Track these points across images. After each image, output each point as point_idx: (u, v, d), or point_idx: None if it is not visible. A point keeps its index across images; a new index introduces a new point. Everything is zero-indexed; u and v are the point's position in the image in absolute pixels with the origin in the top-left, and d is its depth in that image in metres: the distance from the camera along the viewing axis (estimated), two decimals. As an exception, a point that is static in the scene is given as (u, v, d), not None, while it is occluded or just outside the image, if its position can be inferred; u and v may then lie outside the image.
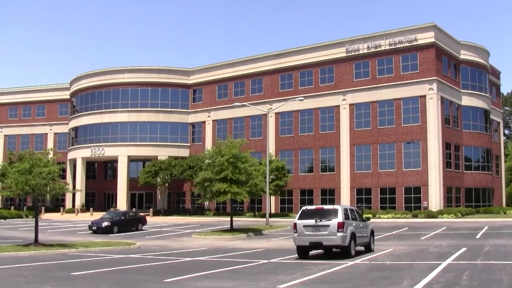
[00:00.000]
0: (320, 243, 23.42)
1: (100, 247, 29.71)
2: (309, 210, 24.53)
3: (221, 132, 73.86)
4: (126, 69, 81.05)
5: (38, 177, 28.19)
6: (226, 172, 40.35)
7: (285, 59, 71.10)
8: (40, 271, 19.62)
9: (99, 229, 43.18)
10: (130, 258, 25.00)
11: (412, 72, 61.80)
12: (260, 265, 21.41)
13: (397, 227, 44.57)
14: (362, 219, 26.15)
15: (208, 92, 78.90)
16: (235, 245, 32.29)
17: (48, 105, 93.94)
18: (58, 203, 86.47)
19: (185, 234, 42.05)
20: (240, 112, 72.85)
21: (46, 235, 36.84)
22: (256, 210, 69.11)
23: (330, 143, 66.65)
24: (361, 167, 64.37)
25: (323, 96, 67.44)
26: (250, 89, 74.31)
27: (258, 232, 42.19)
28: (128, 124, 78.93)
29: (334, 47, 67.28)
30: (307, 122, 68.87)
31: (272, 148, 68.79)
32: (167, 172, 71.85)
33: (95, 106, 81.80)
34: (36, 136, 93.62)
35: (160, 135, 79.09)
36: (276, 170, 63.10)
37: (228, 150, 41.40)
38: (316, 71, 68.61)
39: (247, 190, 41.70)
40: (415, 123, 61.10)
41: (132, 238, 37.83)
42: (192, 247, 31.59)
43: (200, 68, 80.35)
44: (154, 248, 30.51)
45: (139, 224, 47.30)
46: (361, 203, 63.21)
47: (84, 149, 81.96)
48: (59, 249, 27.82)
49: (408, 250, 26.45)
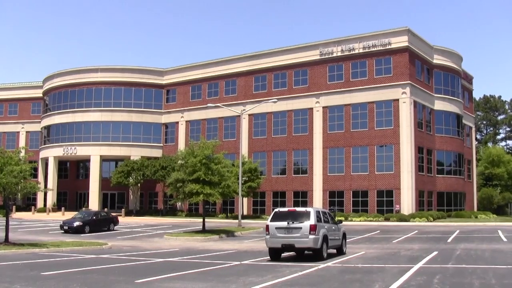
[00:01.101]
0: (292, 245, 23.46)
1: (71, 247, 29.52)
2: (281, 212, 24.53)
3: (194, 133, 73.80)
4: (99, 68, 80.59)
5: (9, 176, 27.96)
6: (198, 173, 40.35)
7: (259, 61, 71.19)
8: (10, 271, 19.44)
9: (70, 229, 42.88)
10: (101, 258, 24.87)
11: (385, 76, 62.20)
12: (232, 267, 21.39)
13: (369, 230, 44.82)
14: (334, 222, 26.24)
15: (181, 92, 78.73)
16: (207, 247, 32.26)
17: (20, 103, 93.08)
18: (30, 202, 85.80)
19: (157, 235, 41.92)
20: (213, 113, 72.78)
21: (16, 235, 36.53)
22: (229, 212, 69.08)
23: (303, 145, 66.83)
24: (334, 170, 64.61)
25: (296, 98, 67.62)
26: (223, 90, 74.26)
27: (230, 234, 42.19)
28: (101, 123, 78.48)
29: (308, 49, 67.49)
30: (281, 124, 69.00)
31: (245, 149, 68.81)
32: (140, 173, 71.61)
33: (67, 105, 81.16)
34: (8, 134, 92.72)
35: (133, 135, 78.76)
36: (249, 172, 63.14)
37: (201, 151, 41.40)
38: (290, 73, 68.77)
39: (219, 192, 41.72)
40: (388, 127, 61.49)
41: (103, 238, 37.63)
42: (163, 248, 31.53)
43: (174, 69, 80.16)
44: (126, 249, 30.39)
45: (111, 224, 47.04)
46: (334, 205, 63.43)
47: (56, 148, 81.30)
48: (30, 249, 27.62)
49: (380, 253, 26.60)
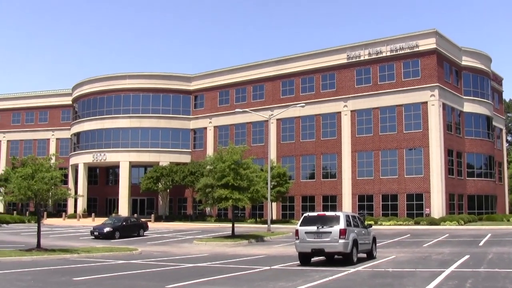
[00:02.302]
0: (322, 250, 23.38)
1: (101, 253, 29.70)
2: (311, 217, 24.48)
3: (223, 138, 73.98)
4: (127, 75, 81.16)
5: (40, 182, 28.22)
6: (227, 178, 40.34)
7: (286, 65, 71.13)
8: (42, 276, 19.63)
9: (100, 234, 43.19)
10: (131, 263, 24.99)
11: (413, 79, 61.79)
12: (262, 272, 21.37)
13: (399, 234, 44.49)
14: (364, 226, 26.11)
15: (209, 98, 78.94)
16: (236, 252, 32.26)
17: (50, 111, 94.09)
18: (60, 208, 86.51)
19: (187, 240, 42.00)
20: (241, 119, 72.85)
21: (48, 240, 36.83)
22: (258, 217, 69.02)
23: (332, 149, 66.61)
24: (363, 174, 64.30)
25: (324, 102, 67.44)
26: (251, 95, 74.30)
27: (260, 239, 42.14)
28: (129, 130, 78.99)
29: (336, 53, 67.30)
30: (309, 129, 68.85)
31: (274, 154, 68.68)
32: (169, 178, 71.88)
33: (97, 112, 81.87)
34: (39, 141, 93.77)
35: (162, 141, 79.11)
36: (278, 177, 63.03)
37: (229, 156, 41.39)
38: (318, 78, 68.64)
39: (248, 197, 41.70)
40: (417, 130, 61.04)
41: (133, 243, 37.80)
42: (193, 253, 31.58)
43: (201, 74, 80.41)
44: (156, 254, 30.50)
45: (141, 230, 47.29)
46: (363, 209, 63.12)
47: (86, 155, 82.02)
48: (61, 254, 27.81)
49: (410, 257, 26.39)
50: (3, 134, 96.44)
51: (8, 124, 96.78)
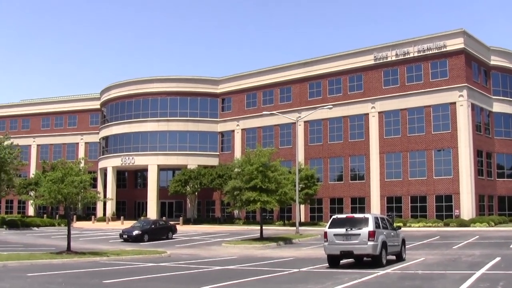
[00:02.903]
0: (351, 252, 23.31)
1: (131, 256, 29.89)
2: (339, 219, 24.40)
3: (250, 141, 74.04)
4: (155, 79, 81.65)
5: (70, 186, 28.47)
6: (255, 181, 40.39)
7: (313, 67, 71.01)
8: (72, 279, 19.80)
9: (130, 237, 43.48)
10: (160, 266, 25.10)
11: (441, 79, 61.32)
12: (291, 274, 21.36)
13: (428, 236, 44.19)
14: (393, 228, 25.97)
15: (236, 101, 79.09)
16: (265, 254, 32.27)
17: (79, 115, 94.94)
18: (90, 211, 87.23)
19: (215, 243, 42.07)
20: (269, 121, 72.85)
21: (78, 243, 37.14)
22: (286, 219, 68.96)
23: (360, 151, 66.36)
24: (391, 175, 63.94)
25: (352, 104, 67.21)
26: (279, 98, 74.27)
27: (288, 241, 42.07)
28: (157, 133, 79.44)
29: (363, 54, 67.05)
30: (337, 130, 68.65)
31: (302, 156, 68.57)
32: (197, 181, 72.09)
33: (125, 116, 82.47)
34: (68, 145, 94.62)
35: (190, 144, 79.43)
36: (306, 179, 62.95)
37: (257, 158, 41.45)
38: (345, 79, 68.43)
39: (276, 199, 41.70)
40: (445, 131, 60.56)
41: (162, 246, 37.99)
42: (222, 255, 31.63)
43: (228, 77, 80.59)
44: (185, 257, 30.61)
45: (169, 232, 47.48)
46: (392, 211, 62.76)
47: (114, 158, 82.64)
48: (91, 257, 28.01)
49: (440, 259, 26.19)
50: (33, 138, 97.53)
51: (38, 128, 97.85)
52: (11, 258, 25.69)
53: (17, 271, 21.77)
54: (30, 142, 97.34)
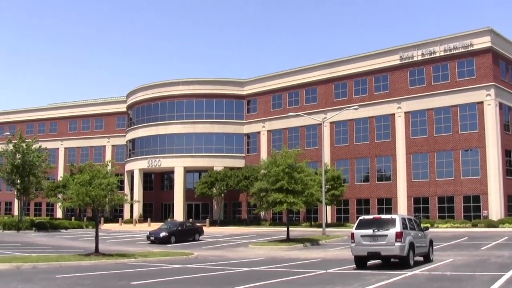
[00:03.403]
0: (378, 253, 23.19)
1: (158, 257, 30.00)
2: (366, 220, 24.29)
3: (276, 142, 74.03)
4: (181, 81, 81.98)
5: (98, 188, 28.66)
6: (282, 182, 40.35)
7: (338, 68, 70.84)
8: (100, 280, 19.97)
9: (157, 239, 43.66)
10: (188, 268, 25.19)
11: (468, 78, 60.78)
12: (318, 275, 21.33)
13: (456, 236, 43.84)
14: (420, 229, 25.79)
15: (262, 102, 79.13)
16: (291, 255, 32.23)
17: (106, 118, 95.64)
18: (117, 213, 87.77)
19: (242, 244, 42.11)
20: (294, 122, 72.79)
21: (105, 245, 37.37)
22: (312, 220, 68.87)
23: (386, 151, 66.05)
24: (418, 176, 63.53)
25: (378, 104, 66.92)
26: (304, 99, 74.18)
27: (315, 242, 41.97)
28: (183, 135, 79.74)
29: (388, 54, 66.74)
30: (363, 131, 68.40)
31: (328, 157, 68.40)
32: (223, 183, 72.21)
33: (151, 118, 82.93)
34: (95, 148, 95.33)
35: (216, 146, 79.62)
36: (332, 180, 62.81)
37: (283, 160, 41.43)
38: (371, 79, 68.18)
39: (303, 200, 41.62)
40: (473, 130, 60.02)
41: (189, 248, 38.10)
42: (248, 257, 31.65)
43: (254, 79, 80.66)
44: (211, 258, 30.67)
45: (196, 234, 47.61)
46: (419, 212, 62.29)
47: (141, 161, 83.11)
48: (119, 259, 28.17)
49: (468, 260, 25.97)
50: (61, 141, 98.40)
51: (65, 132, 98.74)
52: (40, 259, 25.95)
53: (46, 272, 21.98)
54: (58, 145, 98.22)
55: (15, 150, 58.45)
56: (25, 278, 20.08)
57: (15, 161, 58.12)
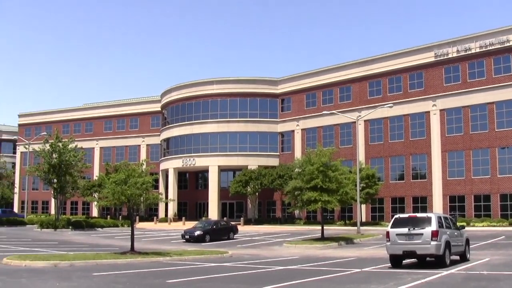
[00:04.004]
0: (413, 252, 23.04)
1: (193, 256, 30.12)
2: (402, 219, 24.14)
3: (310, 141, 73.76)
4: (214, 81, 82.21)
5: (133, 187, 28.85)
6: (316, 180, 40.26)
7: (372, 66, 70.46)
8: (136, 278, 20.12)
9: (191, 238, 43.84)
10: (222, 266, 25.27)
11: (505, 75, 59.93)
12: (353, 274, 21.26)
13: (493, 235, 43.33)
14: (456, 227, 25.54)
15: (296, 101, 79.00)
16: (326, 254, 32.17)
17: (140, 118, 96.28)
18: (152, 212, 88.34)
19: (276, 243, 42.11)
20: (329, 120, 72.55)
21: (141, 244, 37.63)
22: (347, 219, 68.59)
23: (421, 149, 65.52)
24: (453, 174, 62.92)
25: (412, 102, 66.41)
26: (338, 97, 73.91)
27: (350, 241, 41.85)
28: (217, 134, 79.98)
29: (423, 52, 66.19)
30: (397, 129, 67.96)
31: (362, 156, 68.03)
32: (258, 182, 72.23)
33: (185, 118, 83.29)
34: (130, 147, 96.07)
35: (250, 145, 79.69)
36: (367, 178, 62.56)
37: (318, 158, 41.33)
38: (405, 77, 67.68)
39: (337, 199, 41.46)
40: (510, 128, 59.21)
41: (224, 247, 38.21)
42: (283, 255, 31.66)
43: (287, 77, 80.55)
44: (246, 257, 30.72)
45: (231, 233, 47.73)
46: (454, 211, 61.75)
47: (175, 160, 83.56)
48: (154, 257, 28.34)
49: (506, 260, 25.65)
50: (96, 141, 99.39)
51: (100, 131, 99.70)
52: (77, 258, 26.24)
53: (83, 270, 22.23)
54: (93, 145, 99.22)
55: (52, 150, 59.09)
56: (63, 275, 20.35)
57: (52, 160, 58.75)
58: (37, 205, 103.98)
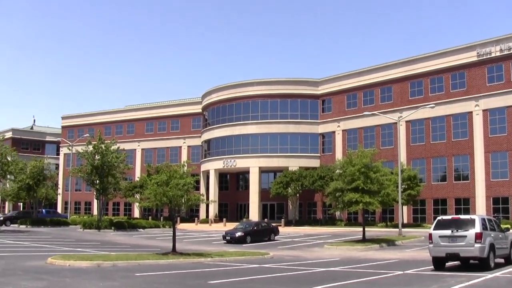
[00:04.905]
0: (456, 254, 22.72)
1: (234, 257, 30.17)
2: (444, 220, 23.84)
3: (351, 142, 73.38)
4: (255, 82, 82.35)
5: (175, 189, 28.99)
6: (357, 182, 40.05)
7: (414, 66, 69.86)
8: (178, 279, 20.27)
9: (232, 239, 43.90)
10: (263, 267, 25.30)
11: (550, 74, 58.98)
12: (395, 276, 21.11)
13: (538, 237, 42.57)
14: (501, 230, 25.15)
15: (337, 102, 78.72)
16: (367, 256, 32.00)
17: (181, 119, 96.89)
18: (193, 213, 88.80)
19: (317, 245, 41.98)
20: (370, 121, 72.16)
21: (182, 244, 37.82)
22: (388, 220, 68.13)
23: (464, 150, 64.73)
24: (497, 175, 62.01)
25: (454, 102, 65.64)
26: (379, 98, 73.47)
27: (391, 243, 41.54)
28: (258, 136, 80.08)
29: (465, 51, 65.36)
30: (439, 130, 67.25)
31: (404, 157, 67.52)
32: (298, 183, 72.18)
33: (226, 119, 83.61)
34: (171, 149, 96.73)
35: (291, 146, 79.63)
36: (408, 179, 62.04)
37: (359, 159, 41.11)
38: (447, 77, 66.93)
39: (379, 200, 41.18)
40: (556, 127, 58.25)
41: (265, 248, 38.20)
42: (324, 257, 31.56)
43: (328, 78, 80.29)
44: (287, 258, 30.70)
45: (272, 234, 47.68)
46: (498, 213, 60.82)
47: (216, 161, 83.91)
48: (195, 258, 28.46)
49: (554, 263, 25.20)
50: (138, 143, 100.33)
51: (142, 133, 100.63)
52: (120, 258, 26.52)
53: (125, 270, 22.47)
54: (135, 146, 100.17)
55: (95, 152, 59.72)
56: (106, 275, 20.61)
57: (95, 162, 59.37)
58: (80, 205, 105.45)
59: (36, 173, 66.42)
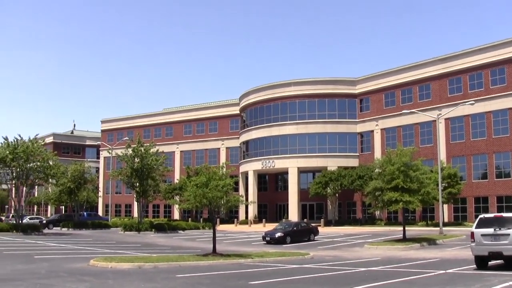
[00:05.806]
0: (500, 253, 22.34)
1: (274, 257, 30.20)
2: (487, 218, 23.47)
3: (390, 141, 72.92)
4: (292, 82, 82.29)
5: (214, 190, 29.14)
6: (397, 181, 39.81)
7: (452, 63, 69.11)
8: (219, 280, 20.36)
9: (272, 239, 43.95)
10: (304, 268, 25.29)
11: None
12: (437, 276, 20.94)
13: None
14: (544, 227, 24.75)
15: (375, 100, 78.28)
16: (408, 255, 31.77)
17: (219, 121, 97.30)
18: (232, 214, 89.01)
19: (357, 244, 41.82)
20: (408, 120, 71.58)
21: (222, 246, 37.95)
22: (429, 219, 67.47)
23: (505, 147, 63.81)
24: (540, 172, 61.11)
25: (494, 98, 64.72)
26: (417, 96, 72.86)
27: (432, 242, 41.17)
28: (296, 136, 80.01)
29: (504, 46, 64.37)
30: (479, 127, 66.39)
31: (443, 155, 66.79)
32: (337, 183, 71.97)
33: (264, 120, 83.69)
34: (210, 150, 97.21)
35: (329, 146, 79.40)
36: (448, 178, 61.43)
37: (398, 158, 40.86)
38: (486, 73, 66.03)
39: (419, 199, 40.89)
40: None
41: (304, 248, 38.19)
42: (364, 257, 31.44)
43: (365, 77, 79.90)
44: (327, 258, 30.63)
45: (311, 234, 47.60)
46: (542, 210, 59.95)
47: (255, 162, 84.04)
48: (236, 259, 28.56)
49: None
50: (177, 145, 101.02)
51: (180, 135, 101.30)
52: (161, 259, 26.77)
53: (166, 272, 22.64)
54: (174, 148, 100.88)
55: (134, 154, 60.29)
56: (147, 277, 20.79)
57: (134, 165, 59.94)
58: (120, 208, 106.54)
59: (77, 177, 67.38)
